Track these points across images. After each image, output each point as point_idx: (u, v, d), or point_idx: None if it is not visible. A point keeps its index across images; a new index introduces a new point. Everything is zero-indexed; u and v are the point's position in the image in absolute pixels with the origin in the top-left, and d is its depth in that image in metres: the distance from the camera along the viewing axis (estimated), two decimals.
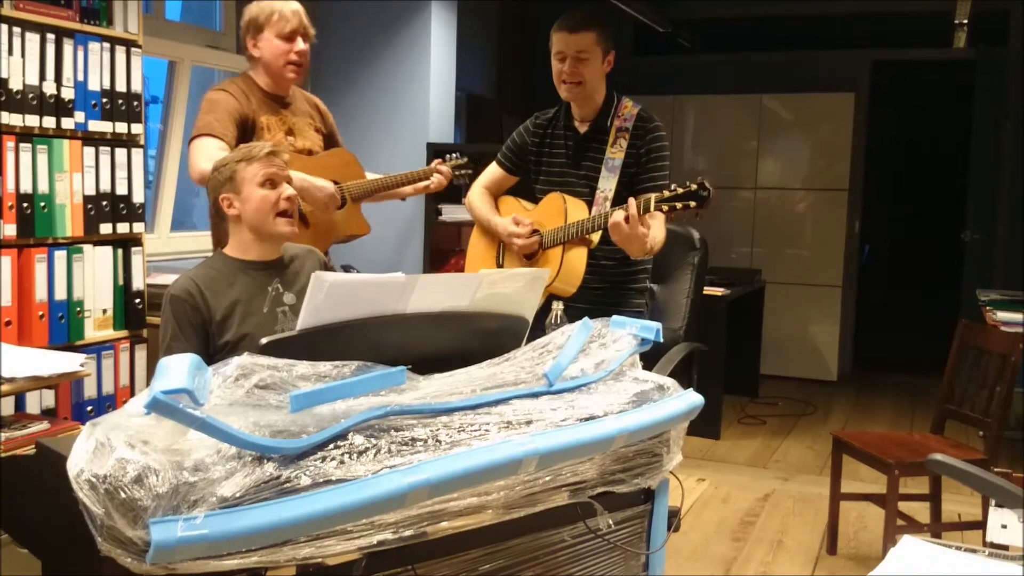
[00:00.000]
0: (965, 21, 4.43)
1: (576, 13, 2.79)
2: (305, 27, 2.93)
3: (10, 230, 2.78)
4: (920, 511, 3.47)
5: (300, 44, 2.91)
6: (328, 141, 3.14)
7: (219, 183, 2.37)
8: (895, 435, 3.67)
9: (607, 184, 2.82)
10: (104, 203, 3.09)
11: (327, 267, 2.56)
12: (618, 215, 2.55)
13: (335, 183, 2.97)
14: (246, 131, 2.85)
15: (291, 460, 1.31)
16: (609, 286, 2.89)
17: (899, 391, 6.42)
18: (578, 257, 2.81)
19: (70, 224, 2.98)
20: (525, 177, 3.08)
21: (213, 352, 2.28)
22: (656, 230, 2.68)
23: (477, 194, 3.11)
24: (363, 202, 3.17)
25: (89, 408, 3.04)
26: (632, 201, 2.54)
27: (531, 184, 3.05)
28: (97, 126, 3.06)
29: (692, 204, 2.49)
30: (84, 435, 1.31)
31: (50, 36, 2.89)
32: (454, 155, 3.39)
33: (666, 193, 2.53)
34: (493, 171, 3.13)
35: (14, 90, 2.79)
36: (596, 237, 2.80)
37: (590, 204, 2.83)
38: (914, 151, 9.70)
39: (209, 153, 2.65)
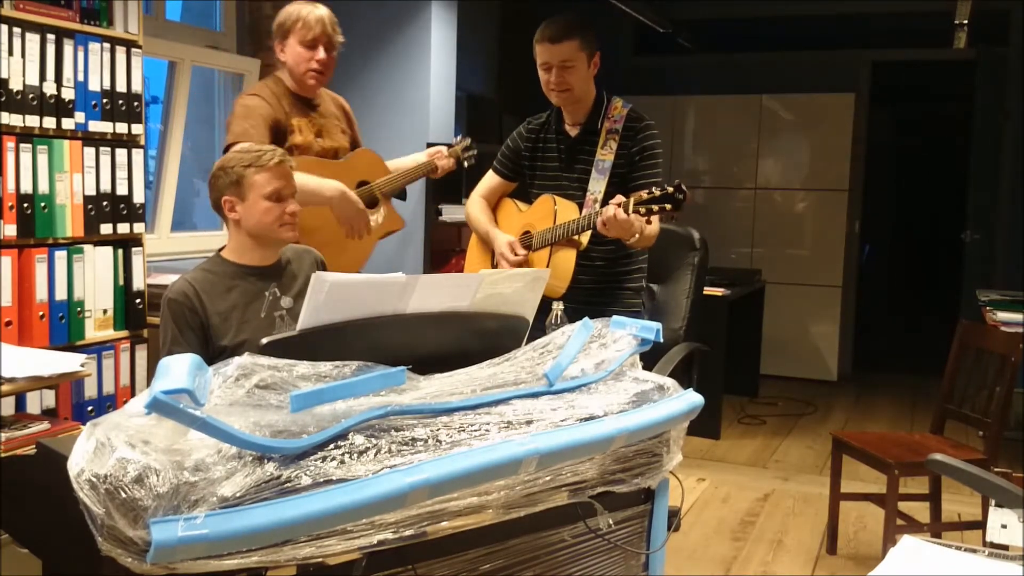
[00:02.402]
0: (965, 21, 4.42)
1: (557, 22, 2.79)
2: (329, 36, 2.97)
3: (10, 230, 2.79)
4: (920, 511, 3.47)
5: (321, 53, 2.95)
6: (352, 143, 3.20)
7: (224, 184, 2.33)
8: (895, 435, 3.67)
9: (597, 186, 2.83)
10: (104, 203, 3.09)
11: (323, 267, 2.56)
12: (608, 211, 2.57)
13: (366, 183, 3.08)
14: (279, 134, 2.90)
15: (291, 460, 1.32)
16: (603, 285, 2.90)
17: (899, 391, 6.42)
18: (566, 258, 2.81)
19: (70, 224, 2.98)
20: (523, 181, 3.09)
21: (212, 355, 2.26)
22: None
23: (475, 204, 3.11)
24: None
25: (89, 408, 3.04)
26: (614, 204, 2.56)
27: (526, 188, 3.06)
28: (97, 126, 3.06)
29: (668, 207, 2.51)
30: (85, 435, 1.31)
31: (50, 36, 2.90)
32: (458, 136, 3.52)
33: (644, 195, 2.55)
34: (490, 179, 3.13)
35: (14, 90, 2.79)
36: (585, 238, 2.81)
37: (582, 206, 2.84)
38: (914, 151, 9.69)
39: None
